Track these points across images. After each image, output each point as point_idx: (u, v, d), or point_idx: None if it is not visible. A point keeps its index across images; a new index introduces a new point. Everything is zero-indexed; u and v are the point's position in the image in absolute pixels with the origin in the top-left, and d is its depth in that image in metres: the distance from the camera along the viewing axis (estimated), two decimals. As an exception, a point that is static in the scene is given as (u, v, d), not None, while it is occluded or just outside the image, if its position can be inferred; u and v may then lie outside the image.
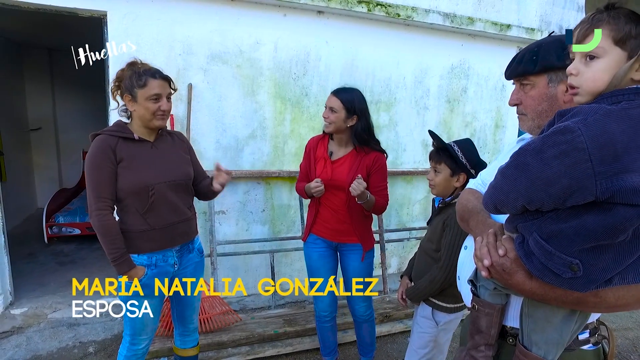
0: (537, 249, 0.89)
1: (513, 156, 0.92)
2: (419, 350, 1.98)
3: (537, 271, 0.91)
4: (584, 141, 0.78)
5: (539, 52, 1.12)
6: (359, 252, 2.25)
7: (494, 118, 4.23)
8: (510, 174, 0.91)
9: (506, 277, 0.98)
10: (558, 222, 0.86)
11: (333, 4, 3.15)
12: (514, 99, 1.23)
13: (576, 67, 0.89)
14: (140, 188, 1.71)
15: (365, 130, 2.11)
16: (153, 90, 1.72)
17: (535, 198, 0.86)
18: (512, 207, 0.93)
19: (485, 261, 1.00)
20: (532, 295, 0.98)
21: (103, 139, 1.70)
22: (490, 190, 0.99)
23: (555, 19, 4.29)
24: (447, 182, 1.83)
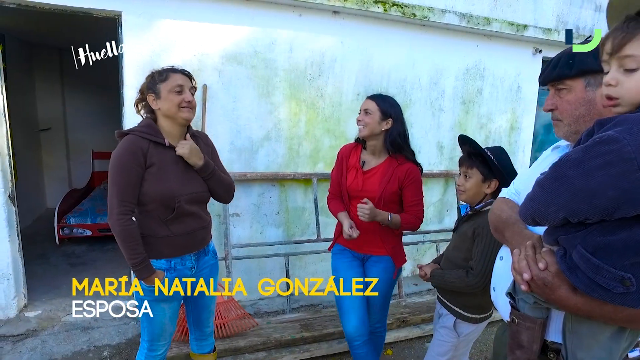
0: (582, 262, 0.85)
1: (552, 168, 0.88)
2: (438, 357, 1.97)
3: (584, 286, 0.87)
4: (631, 151, 0.74)
5: (575, 56, 1.09)
6: (385, 265, 2.12)
7: (509, 120, 4.17)
8: (549, 185, 0.88)
9: (548, 291, 0.95)
10: (605, 235, 0.82)
11: (349, 4, 3.11)
12: (549, 105, 1.19)
13: (615, 78, 0.86)
14: (167, 198, 1.68)
15: (401, 135, 2.03)
16: (176, 82, 1.70)
17: (579, 210, 0.82)
18: (551, 220, 0.90)
19: (525, 275, 0.96)
20: (577, 311, 0.94)
21: (134, 140, 1.65)
22: (528, 201, 0.96)
23: (572, 18, 4.22)
24: (477, 188, 1.78)
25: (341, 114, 3.46)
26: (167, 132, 1.75)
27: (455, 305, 1.88)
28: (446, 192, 4.05)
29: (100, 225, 4.34)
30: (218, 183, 1.85)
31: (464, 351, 2.05)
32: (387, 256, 2.12)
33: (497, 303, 1.31)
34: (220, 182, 1.86)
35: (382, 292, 2.15)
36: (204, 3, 2.85)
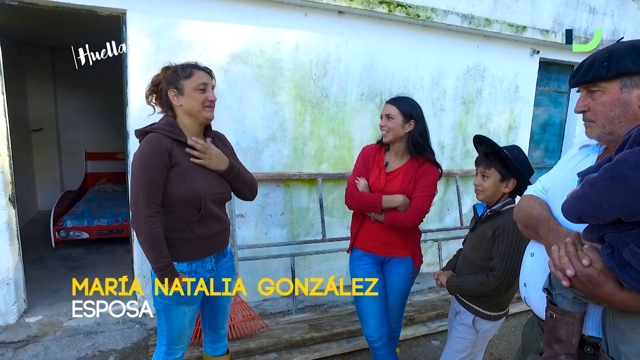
0: (635, 260, 0.87)
1: (608, 168, 0.89)
2: (456, 354, 1.98)
3: (634, 282, 0.89)
4: None
5: (611, 58, 1.10)
6: (406, 266, 2.12)
7: (507, 120, 4.23)
8: (604, 186, 0.88)
9: (592, 287, 0.96)
10: None
11: (354, 4, 3.11)
12: (580, 107, 1.20)
13: None
14: (193, 199, 1.64)
15: (422, 135, 2.04)
16: (200, 80, 1.67)
17: (636, 210, 0.83)
18: (602, 219, 0.91)
19: (569, 271, 0.97)
20: (623, 306, 0.96)
21: (159, 139, 1.60)
22: (575, 200, 0.97)
23: (568, 20, 4.30)
24: (495, 188, 1.80)
25: (345, 114, 3.46)
26: (188, 130, 1.71)
27: (474, 303, 1.89)
28: (447, 191, 4.09)
29: (97, 227, 4.26)
30: (242, 183, 1.83)
31: (481, 348, 2.07)
32: (408, 257, 2.11)
33: (528, 298, 1.32)
34: (244, 182, 1.84)
35: (402, 293, 2.16)
36: (210, 2, 2.83)
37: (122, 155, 6.05)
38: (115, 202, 4.96)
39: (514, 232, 1.70)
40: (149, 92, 1.75)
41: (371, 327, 2.10)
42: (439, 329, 3.15)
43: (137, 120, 2.75)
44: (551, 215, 1.23)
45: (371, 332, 2.10)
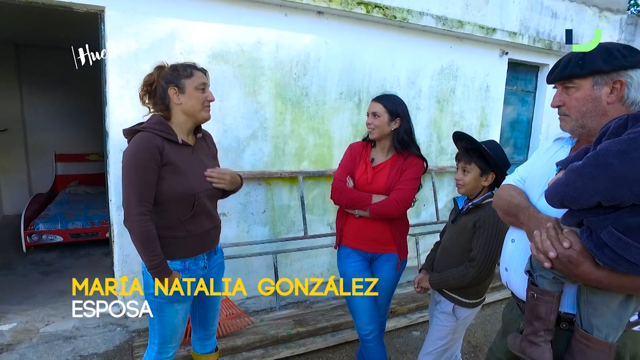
0: (612, 241, 0.95)
1: (592, 156, 0.98)
2: (438, 341, 2.06)
3: (610, 261, 0.98)
4: None
5: (585, 57, 1.20)
6: (394, 263, 2.17)
7: (479, 117, 4.41)
8: (588, 173, 0.96)
9: (571, 267, 1.05)
10: (636, 216, 0.93)
11: (333, 4, 3.18)
12: (556, 101, 1.31)
13: None
14: (187, 195, 1.65)
15: (407, 132, 2.09)
16: (201, 79, 1.70)
17: (618, 195, 0.92)
18: (583, 203, 0.99)
19: (551, 253, 1.06)
20: (598, 283, 1.05)
21: (149, 137, 1.60)
22: (559, 187, 1.05)
23: (534, 23, 4.53)
24: (476, 182, 1.89)
25: (325, 112, 3.52)
26: (179, 128, 1.72)
27: (453, 292, 1.98)
28: (423, 188, 4.18)
29: (72, 230, 4.14)
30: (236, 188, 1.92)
31: (460, 334, 2.17)
32: (395, 253, 2.16)
33: (510, 282, 1.41)
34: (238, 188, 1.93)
35: (390, 289, 2.23)
36: (190, 1, 2.82)
37: (95, 156, 5.89)
38: (89, 205, 4.83)
39: (494, 224, 1.80)
40: (143, 92, 1.74)
41: (363, 321, 2.16)
42: (419, 320, 3.25)
43: (118, 119, 2.72)
44: (530, 203, 1.33)
45: (363, 326, 2.17)
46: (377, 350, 2.19)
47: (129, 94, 2.70)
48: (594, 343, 1.11)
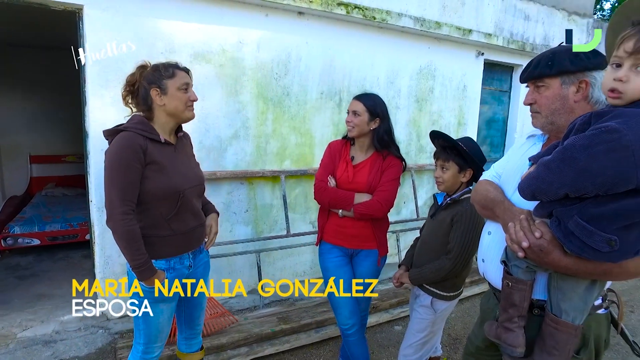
0: (578, 229, 1.02)
1: (559, 152, 1.05)
2: (417, 333, 2.13)
3: (576, 249, 1.05)
4: (629, 140, 0.92)
5: (554, 58, 1.29)
6: (374, 259, 2.21)
7: (457, 116, 4.52)
8: (556, 166, 1.03)
9: (542, 256, 1.12)
10: (598, 206, 1.00)
11: (314, 5, 3.22)
12: (529, 99, 1.39)
13: (627, 75, 0.99)
14: (171, 193, 1.66)
15: (387, 133, 2.13)
16: (183, 80, 1.69)
17: (582, 187, 0.99)
18: (552, 195, 1.06)
19: (524, 243, 1.13)
20: (566, 270, 1.13)
21: (132, 137, 1.60)
22: (530, 180, 1.12)
23: (507, 25, 4.67)
24: (455, 179, 1.95)
25: (306, 112, 3.55)
26: (162, 128, 1.72)
27: (431, 286, 2.04)
28: (403, 185, 4.29)
29: (50, 233, 4.06)
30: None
31: (440, 326, 2.24)
32: (375, 249, 2.21)
33: (486, 272, 1.48)
34: None
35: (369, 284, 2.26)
36: (171, 1, 2.81)
37: (72, 157, 5.78)
38: (67, 207, 4.73)
39: (471, 219, 1.87)
40: (125, 92, 1.73)
41: (344, 316, 2.20)
42: (401, 315, 3.32)
43: (98, 119, 2.69)
44: (505, 197, 1.39)
45: (344, 320, 2.21)
46: (358, 344, 2.24)
47: (109, 93, 2.68)
48: (562, 326, 1.18)
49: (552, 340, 1.20)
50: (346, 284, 2.20)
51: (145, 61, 1.75)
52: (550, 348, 1.20)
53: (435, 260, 1.97)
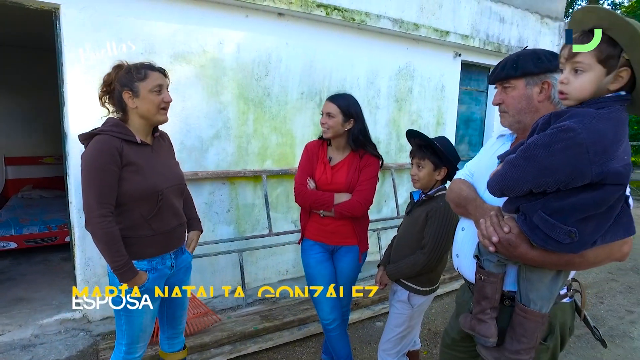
0: (542, 223, 1.09)
1: (522, 150, 1.12)
2: (395, 328, 2.18)
3: (541, 241, 1.12)
4: (583, 138, 1.00)
5: (518, 61, 1.36)
6: (354, 255, 2.26)
7: (435, 116, 4.62)
8: (520, 164, 1.10)
9: (511, 249, 1.19)
10: (559, 200, 1.08)
11: (294, 7, 3.25)
12: (497, 100, 1.46)
13: (567, 78, 1.11)
14: (150, 193, 1.66)
15: (362, 132, 2.17)
16: (155, 81, 1.67)
17: (543, 183, 1.06)
18: (518, 191, 1.13)
19: (494, 238, 1.19)
20: (533, 262, 1.20)
21: (107, 140, 1.60)
22: (498, 178, 1.18)
23: (483, 27, 4.80)
24: (430, 176, 2.01)
25: (287, 112, 3.59)
26: (138, 130, 1.72)
27: (408, 281, 2.10)
28: (384, 184, 4.37)
29: (27, 235, 3.99)
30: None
31: (417, 321, 2.30)
32: (355, 246, 2.25)
33: (460, 267, 1.54)
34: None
35: (351, 279, 2.32)
36: (151, 1, 2.81)
37: (50, 159, 5.67)
38: (45, 209, 4.65)
39: (445, 214, 1.94)
40: (102, 93, 1.72)
41: (325, 311, 2.25)
42: (382, 311, 3.39)
43: (76, 120, 2.67)
44: (477, 195, 1.46)
45: (326, 316, 2.26)
46: (340, 339, 2.30)
47: (89, 94, 2.66)
48: (530, 315, 1.25)
49: (522, 328, 1.26)
50: (327, 279, 2.25)
51: (122, 61, 1.73)
52: (519, 336, 1.27)
53: (411, 256, 2.03)
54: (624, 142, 1.03)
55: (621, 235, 1.11)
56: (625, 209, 1.10)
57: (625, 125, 1.05)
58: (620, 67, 1.04)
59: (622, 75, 1.05)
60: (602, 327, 3.40)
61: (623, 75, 1.05)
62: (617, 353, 3.02)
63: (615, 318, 3.59)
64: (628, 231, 1.11)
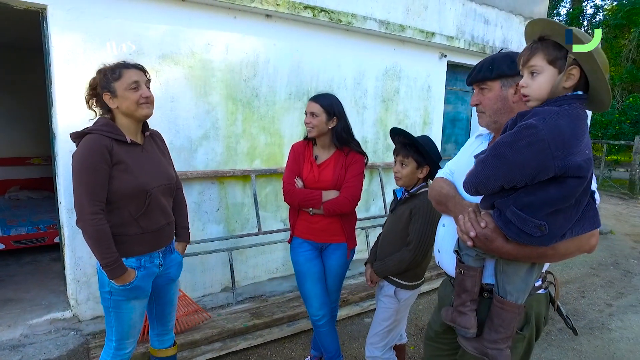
0: (514, 217, 1.16)
1: (491, 149, 1.19)
2: (383, 322, 2.23)
3: (514, 235, 1.18)
4: (544, 134, 1.07)
5: (494, 63, 1.44)
6: (343, 252, 2.32)
7: (422, 116, 4.70)
8: (490, 162, 1.17)
9: (488, 243, 1.25)
10: (529, 195, 1.14)
11: (281, 8, 3.30)
12: (474, 100, 1.53)
13: (525, 81, 1.22)
14: (138, 192, 1.70)
15: (345, 130, 2.24)
16: (130, 79, 1.71)
17: (513, 178, 1.13)
18: (491, 188, 1.20)
19: (472, 233, 1.26)
20: (508, 255, 1.26)
21: (97, 139, 1.64)
22: (471, 177, 1.25)
23: (468, 28, 4.89)
24: (413, 174, 2.07)
25: (275, 112, 3.63)
26: (126, 128, 1.77)
27: (394, 276, 2.16)
28: (371, 183, 4.44)
29: (16, 236, 3.97)
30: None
31: (404, 315, 2.36)
32: (344, 243, 2.32)
33: (442, 262, 1.60)
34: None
35: (340, 276, 2.38)
36: (139, 3, 2.83)
37: (38, 160, 5.63)
38: (33, 210, 4.63)
39: (428, 211, 2.00)
40: (88, 96, 1.77)
41: (315, 307, 2.31)
42: (370, 308, 3.45)
43: (65, 121, 2.69)
44: (457, 193, 1.52)
45: (315, 312, 2.31)
46: (329, 334, 2.36)
47: (77, 94, 2.67)
48: (507, 306, 1.31)
49: (499, 319, 1.33)
50: (316, 276, 2.30)
51: (105, 64, 1.77)
52: (497, 326, 1.33)
53: (396, 253, 2.09)
54: (584, 138, 1.11)
55: (587, 228, 1.18)
56: (591, 203, 1.18)
57: (584, 121, 1.13)
58: (569, 66, 1.14)
59: (573, 73, 1.14)
60: (583, 320, 3.51)
61: (573, 72, 1.14)
62: (596, 344, 3.13)
63: (595, 311, 3.71)
64: (594, 224, 1.19)
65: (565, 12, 16.51)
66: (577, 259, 5.14)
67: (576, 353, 3.00)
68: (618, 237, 6.31)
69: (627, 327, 3.43)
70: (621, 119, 11.85)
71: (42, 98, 2.99)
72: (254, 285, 3.73)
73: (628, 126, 11.54)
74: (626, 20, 14.04)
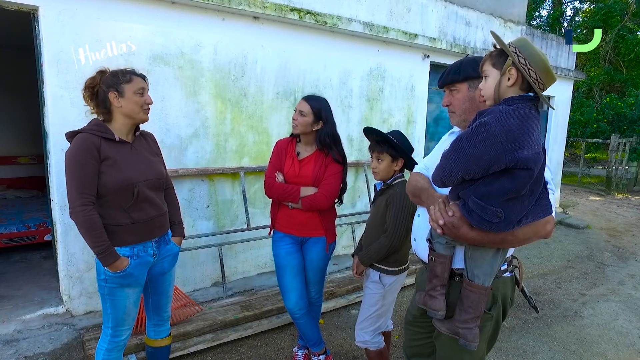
0: (475, 206, 1.30)
1: (452, 144, 1.33)
2: (370, 307, 2.35)
3: (477, 222, 1.32)
4: (496, 130, 1.22)
5: (461, 67, 1.59)
6: (322, 245, 2.43)
7: (406, 115, 4.85)
8: (451, 156, 1.32)
9: (455, 231, 1.38)
10: (486, 185, 1.28)
11: (268, 10, 3.40)
12: (445, 101, 1.68)
13: (482, 84, 1.39)
14: (125, 185, 1.82)
15: (329, 136, 2.32)
16: (139, 84, 1.88)
17: (470, 170, 1.27)
18: (454, 180, 1.34)
19: (440, 221, 1.39)
20: (473, 241, 1.40)
21: (86, 137, 1.77)
22: (437, 170, 1.39)
23: (450, 30, 5.06)
24: (389, 168, 2.20)
25: (263, 111, 3.74)
26: (119, 129, 1.89)
27: (378, 263, 2.29)
28: (357, 180, 4.57)
29: (5, 235, 3.99)
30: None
31: (391, 300, 2.47)
32: (323, 237, 2.43)
33: (417, 250, 1.74)
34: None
35: (320, 268, 2.49)
36: (130, 4, 2.90)
37: (25, 159, 5.63)
38: (22, 209, 4.65)
39: (401, 199, 2.12)
40: (86, 94, 1.88)
41: (292, 300, 2.42)
42: (357, 300, 3.58)
43: (57, 120, 2.75)
44: (430, 186, 1.66)
45: (292, 305, 2.43)
46: (308, 325, 2.49)
47: (69, 94, 2.75)
48: (475, 288, 1.45)
49: (468, 300, 1.46)
50: (295, 269, 2.42)
51: (105, 67, 1.92)
52: (466, 307, 1.46)
53: (376, 241, 2.22)
54: (533, 134, 1.25)
55: (540, 215, 1.32)
56: (544, 192, 1.32)
57: (534, 120, 1.27)
58: (507, 67, 1.30)
59: (511, 73, 1.30)
60: (558, 309, 3.70)
61: (512, 72, 1.30)
62: (569, 330, 3.32)
63: (570, 300, 3.90)
64: (546, 212, 1.33)
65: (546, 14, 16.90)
66: (555, 252, 5.36)
67: (550, 339, 3.17)
68: (594, 232, 6.57)
69: (598, 314, 3.63)
70: (599, 117, 12.21)
71: (29, 98, 3.04)
72: (243, 280, 3.83)
73: (605, 125, 11.91)
74: (603, 23, 14.46)
